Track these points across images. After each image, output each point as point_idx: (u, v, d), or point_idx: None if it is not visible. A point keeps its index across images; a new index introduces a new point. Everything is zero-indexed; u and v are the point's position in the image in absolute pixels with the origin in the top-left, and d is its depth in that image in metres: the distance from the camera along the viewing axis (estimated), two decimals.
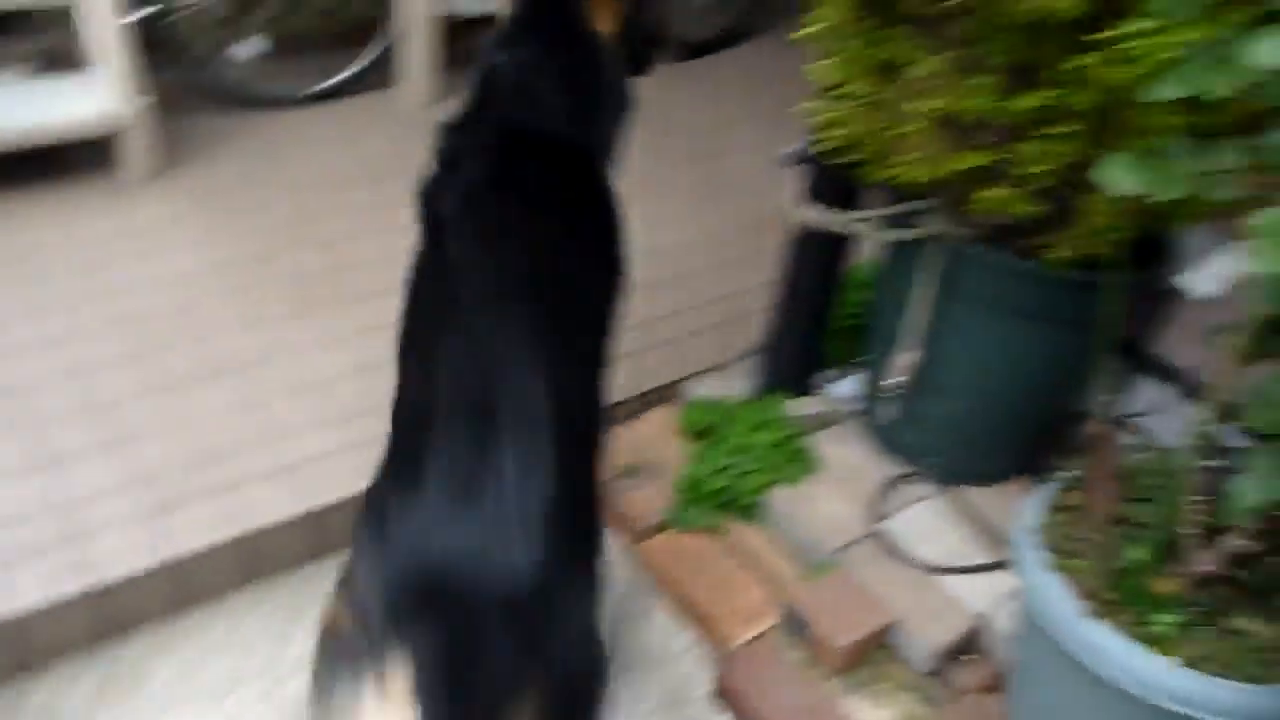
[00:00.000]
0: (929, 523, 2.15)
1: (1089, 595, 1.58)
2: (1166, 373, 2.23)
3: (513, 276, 1.47)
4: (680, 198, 3.15)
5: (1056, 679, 1.63)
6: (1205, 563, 1.55)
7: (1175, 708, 1.46)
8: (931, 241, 1.97)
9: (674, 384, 2.47)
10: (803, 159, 2.50)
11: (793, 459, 2.22)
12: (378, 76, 3.38)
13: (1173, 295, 2.21)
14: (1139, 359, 2.28)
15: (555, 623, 1.24)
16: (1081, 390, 2.26)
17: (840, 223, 2.08)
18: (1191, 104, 1.25)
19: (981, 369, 2.09)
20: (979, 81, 1.64)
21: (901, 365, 2.10)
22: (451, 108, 1.76)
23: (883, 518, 2.15)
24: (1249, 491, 1.32)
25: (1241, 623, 1.52)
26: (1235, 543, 1.51)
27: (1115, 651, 1.52)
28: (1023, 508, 1.74)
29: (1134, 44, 1.45)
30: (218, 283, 2.55)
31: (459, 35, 3.56)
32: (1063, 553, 1.65)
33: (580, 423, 1.43)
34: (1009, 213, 1.77)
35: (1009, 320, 2.02)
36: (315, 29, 3.49)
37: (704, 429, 2.30)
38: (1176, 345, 2.24)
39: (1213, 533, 1.55)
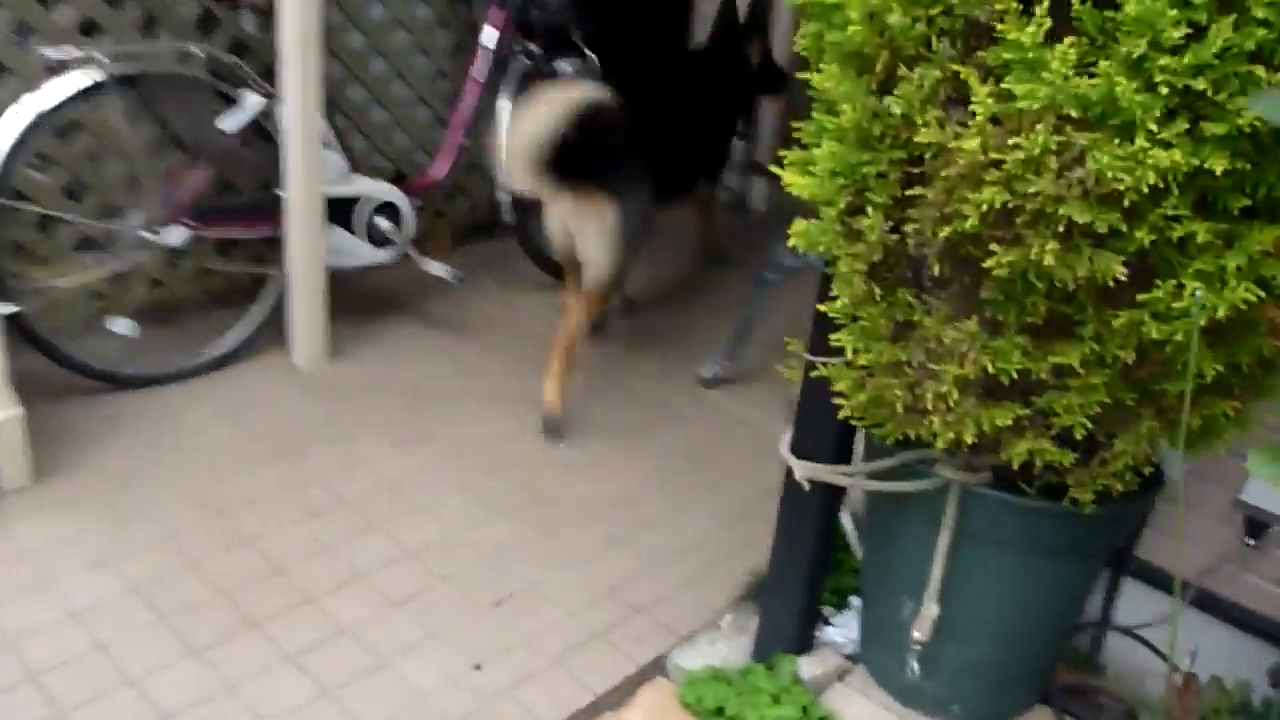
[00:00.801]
0: None
1: None
2: (1162, 582, 2.22)
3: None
4: (612, 439, 3.03)
5: None
6: None
7: None
8: (941, 488, 1.92)
9: (658, 657, 2.29)
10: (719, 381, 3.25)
11: None
12: (267, 338, 3.16)
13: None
14: (1129, 569, 2.27)
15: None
16: (1083, 608, 2.24)
17: (842, 478, 2.00)
18: None
19: (1004, 611, 2.03)
20: (1008, 341, 1.62)
21: (921, 620, 2.00)
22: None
23: None
24: None
25: None
26: None
27: None
28: None
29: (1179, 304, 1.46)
30: (134, 607, 2.22)
31: (346, 286, 3.39)
32: None
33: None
34: (1035, 460, 1.73)
35: (1029, 559, 1.97)
36: (194, 294, 3.24)
37: (715, 708, 2.12)
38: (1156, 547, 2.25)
39: None
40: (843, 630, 2.32)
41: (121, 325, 2.90)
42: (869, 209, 1.61)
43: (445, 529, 2.57)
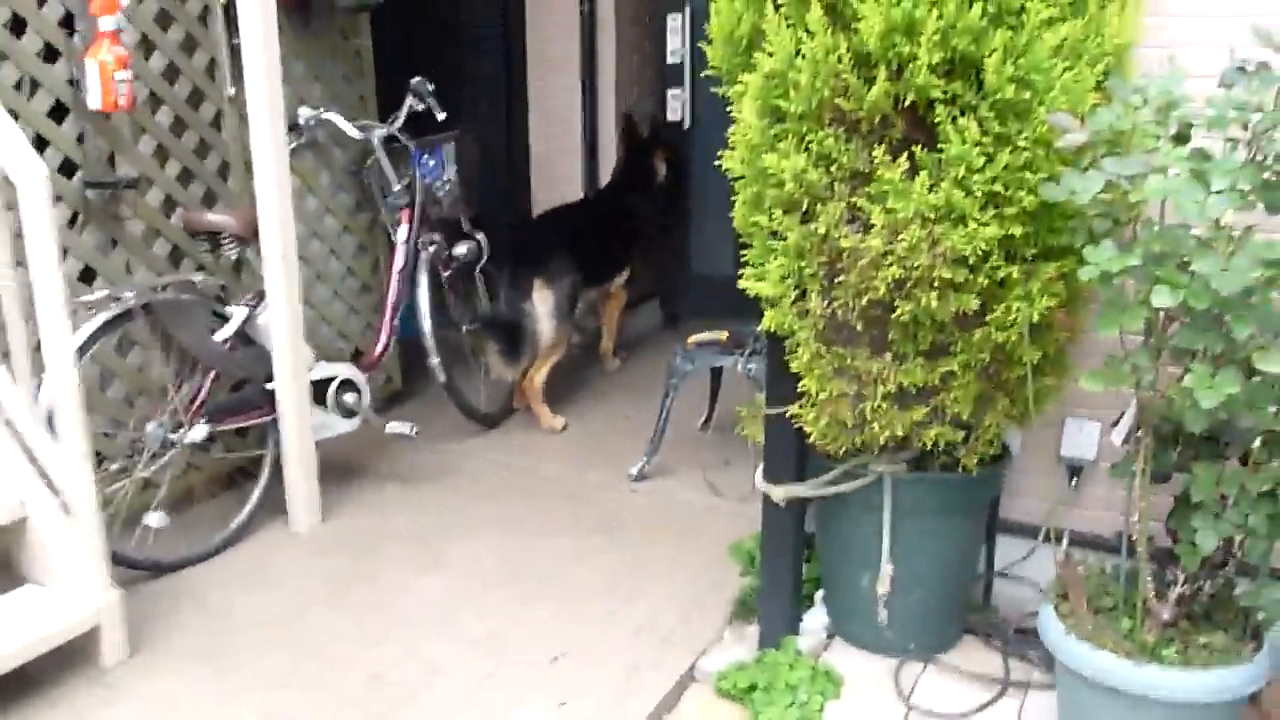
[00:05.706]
0: (943, 687, 2.83)
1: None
2: (1020, 531, 3.13)
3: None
4: (581, 539, 3.72)
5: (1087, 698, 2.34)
6: (1167, 613, 2.37)
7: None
8: (876, 481, 2.77)
9: (689, 668, 2.98)
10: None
11: (827, 680, 2.82)
12: (267, 511, 3.68)
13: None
14: (999, 528, 3.18)
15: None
16: (978, 558, 3.12)
17: (812, 491, 2.81)
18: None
19: (929, 563, 2.87)
20: (912, 364, 2.51)
21: (883, 578, 2.82)
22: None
23: (909, 697, 2.80)
24: (1205, 540, 2.18)
25: (1206, 639, 2.34)
26: (1180, 590, 2.36)
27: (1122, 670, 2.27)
28: (1041, 618, 2.48)
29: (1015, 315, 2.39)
30: None
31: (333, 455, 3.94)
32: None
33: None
34: (939, 442, 2.62)
35: (940, 519, 2.84)
36: (201, 482, 3.74)
37: (747, 686, 2.83)
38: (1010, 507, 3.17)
39: (1160, 596, 2.39)
40: (815, 617, 3.10)
41: (155, 519, 3.38)
42: (811, 296, 2.48)
43: (492, 622, 3.18)
